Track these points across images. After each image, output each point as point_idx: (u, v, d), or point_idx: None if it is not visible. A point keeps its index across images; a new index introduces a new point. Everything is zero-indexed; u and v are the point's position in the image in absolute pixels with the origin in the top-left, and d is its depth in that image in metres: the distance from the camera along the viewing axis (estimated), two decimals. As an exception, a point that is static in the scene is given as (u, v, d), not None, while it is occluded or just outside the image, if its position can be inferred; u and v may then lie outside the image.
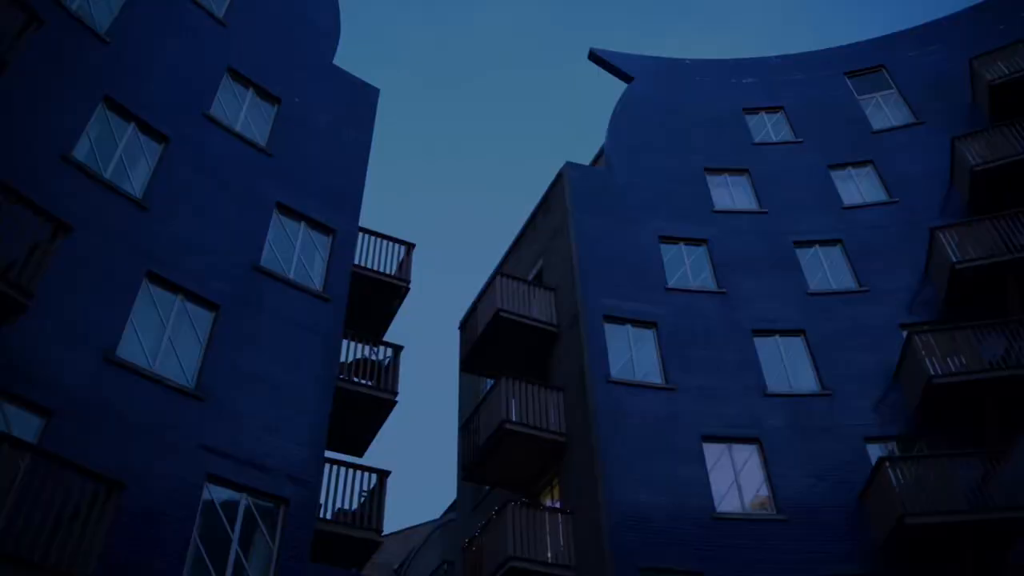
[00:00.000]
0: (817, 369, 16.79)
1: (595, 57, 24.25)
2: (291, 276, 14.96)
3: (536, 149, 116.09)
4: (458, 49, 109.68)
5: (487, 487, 19.03)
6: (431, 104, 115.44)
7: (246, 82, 16.79)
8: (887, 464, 13.89)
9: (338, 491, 13.92)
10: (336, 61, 19.49)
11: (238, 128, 15.96)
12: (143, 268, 12.71)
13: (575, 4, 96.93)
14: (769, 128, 22.28)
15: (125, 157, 13.60)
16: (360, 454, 17.16)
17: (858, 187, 20.17)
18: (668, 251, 19.19)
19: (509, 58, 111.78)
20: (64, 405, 10.69)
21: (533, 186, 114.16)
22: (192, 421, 12.07)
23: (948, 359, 14.86)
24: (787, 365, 17.01)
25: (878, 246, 18.57)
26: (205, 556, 11.35)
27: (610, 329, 17.31)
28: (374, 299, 17.43)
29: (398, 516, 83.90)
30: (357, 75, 19.59)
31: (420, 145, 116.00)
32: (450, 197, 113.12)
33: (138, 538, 10.60)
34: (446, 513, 28.99)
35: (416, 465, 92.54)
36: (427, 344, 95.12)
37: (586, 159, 24.25)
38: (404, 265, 17.72)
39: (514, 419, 16.03)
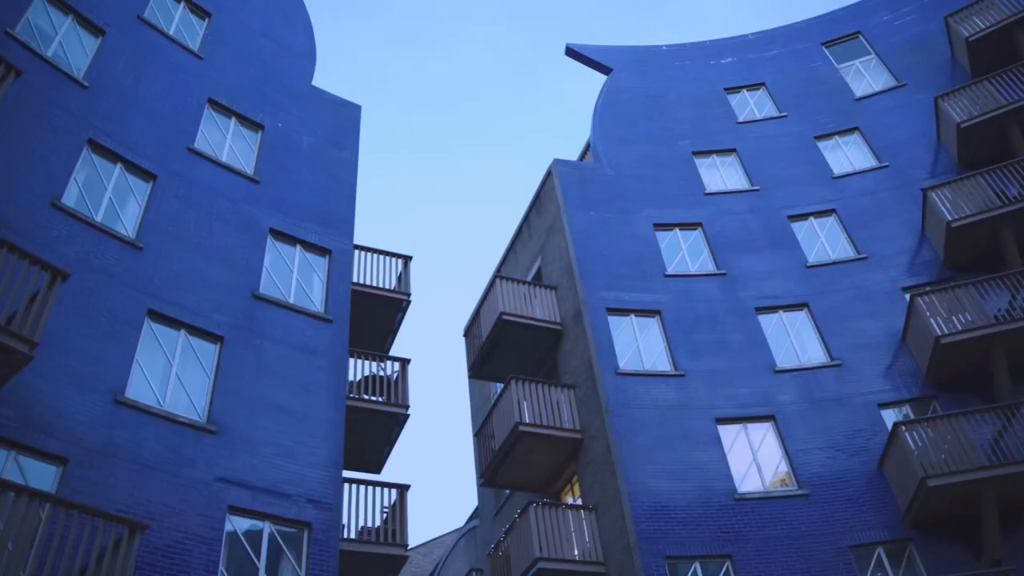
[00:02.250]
0: (824, 341, 16.79)
1: (572, 52, 24.26)
2: (291, 300, 14.98)
3: (528, 151, 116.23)
4: (439, 72, 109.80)
5: (507, 491, 19.04)
6: (420, 117, 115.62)
7: (228, 112, 16.81)
8: (903, 428, 13.88)
9: (360, 509, 13.94)
10: (318, 86, 19.49)
11: (224, 159, 15.98)
12: (143, 307, 12.73)
13: (545, 18, 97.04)
14: (752, 105, 22.29)
15: (115, 198, 13.62)
16: (378, 470, 17.18)
17: (847, 155, 20.18)
18: (664, 238, 19.21)
19: (493, 69, 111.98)
20: (78, 451, 10.69)
21: (528, 187, 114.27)
22: (207, 455, 12.07)
23: (953, 317, 14.86)
24: (794, 340, 17.02)
25: (872, 212, 18.57)
26: (233, 588, 11.36)
27: (614, 321, 17.33)
28: (376, 315, 17.47)
29: (422, 528, 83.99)
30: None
31: (412, 158, 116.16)
32: (447, 205, 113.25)
33: (164, 575, 10.61)
34: (469, 520, 28.98)
35: (435, 475, 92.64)
36: (434, 354, 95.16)
37: (575, 156, 24.25)
38: (403, 278, 17.75)
39: (527, 420, 16.04)
